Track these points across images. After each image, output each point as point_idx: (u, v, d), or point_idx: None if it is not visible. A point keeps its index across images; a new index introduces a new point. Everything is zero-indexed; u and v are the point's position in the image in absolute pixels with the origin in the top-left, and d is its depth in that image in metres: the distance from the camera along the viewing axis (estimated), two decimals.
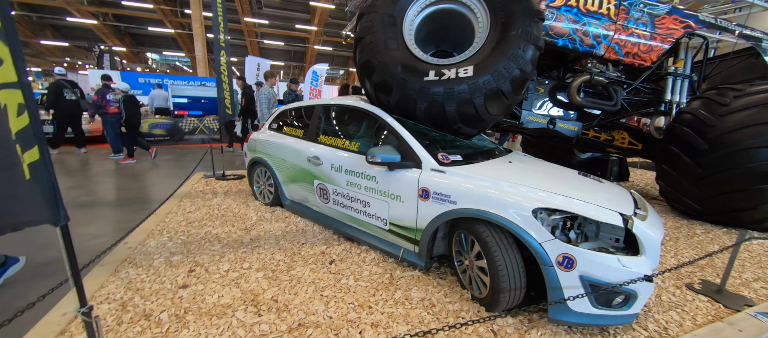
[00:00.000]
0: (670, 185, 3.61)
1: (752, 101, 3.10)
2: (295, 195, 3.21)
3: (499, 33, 2.42)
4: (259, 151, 3.49)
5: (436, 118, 2.47)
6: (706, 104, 3.38)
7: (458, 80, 2.33)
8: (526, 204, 1.70)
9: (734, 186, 3.07)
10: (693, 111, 3.41)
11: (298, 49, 34.89)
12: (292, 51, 34.67)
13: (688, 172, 3.36)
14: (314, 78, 8.54)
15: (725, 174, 3.10)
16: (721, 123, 3.16)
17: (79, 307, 1.11)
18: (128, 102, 5.78)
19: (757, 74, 4.10)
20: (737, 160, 3.02)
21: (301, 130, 3.14)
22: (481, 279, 1.88)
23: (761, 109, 3.03)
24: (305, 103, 3.31)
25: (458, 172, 2.03)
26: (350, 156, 2.54)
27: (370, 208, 2.43)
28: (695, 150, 3.28)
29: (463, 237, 2.01)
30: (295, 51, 35.10)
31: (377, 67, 2.48)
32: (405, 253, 2.28)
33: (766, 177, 2.93)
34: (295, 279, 2.11)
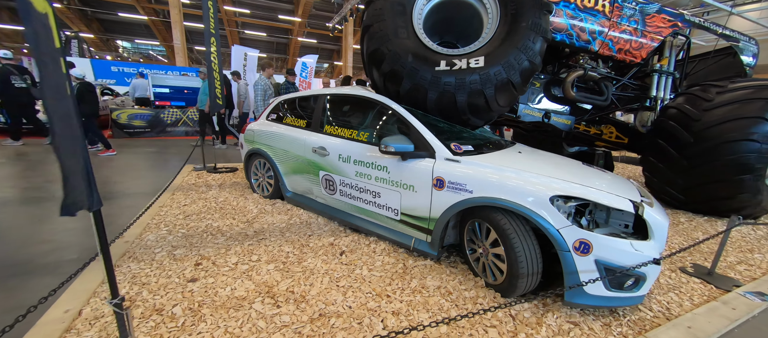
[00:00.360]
0: (656, 176, 3.81)
1: (733, 97, 3.31)
2: (297, 187, 3.14)
3: (509, 25, 2.45)
4: (258, 142, 3.39)
5: (446, 109, 2.48)
6: (691, 99, 3.57)
7: (469, 71, 2.34)
8: (543, 192, 1.74)
9: (716, 177, 3.27)
10: (679, 106, 3.60)
11: (280, 41, 34.05)
12: (275, 42, 33.77)
13: (674, 164, 3.55)
14: (303, 69, 8.35)
15: (708, 165, 3.30)
16: (705, 117, 3.35)
17: (111, 298, 1.04)
18: (83, 89, 5.33)
19: (734, 72, 4.37)
20: (719, 153, 3.22)
21: (303, 121, 3.07)
22: (497, 266, 1.91)
23: (741, 105, 3.24)
24: (308, 92, 3.24)
25: (473, 162, 2.05)
26: (359, 146, 2.51)
27: (380, 199, 2.41)
28: (681, 143, 3.46)
29: (476, 225, 2.03)
30: (278, 42, 34.22)
31: (387, 55, 2.46)
32: (417, 243, 2.29)
33: (745, 169, 3.14)
34: (308, 271, 2.08)
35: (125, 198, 3.44)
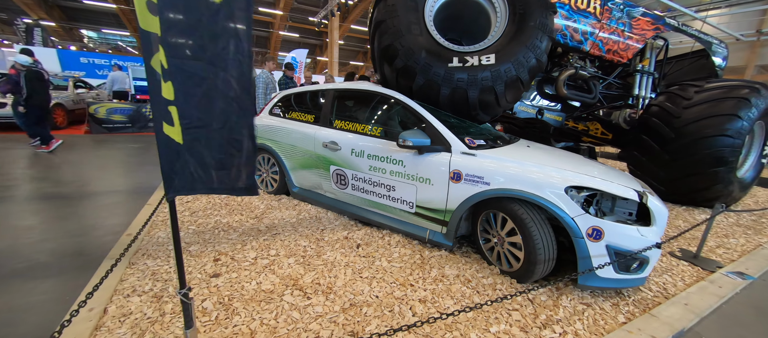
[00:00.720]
0: (639, 169, 4.08)
1: (709, 96, 3.60)
2: (305, 183, 3.14)
3: (517, 24, 2.55)
4: (262, 137, 3.34)
5: (458, 104, 2.56)
6: (671, 98, 3.84)
7: (481, 67, 2.43)
8: (559, 183, 1.86)
9: (695, 170, 3.56)
10: (661, 104, 3.87)
11: (260, 34, 33.15)
12: (254, 35, 32.83)
13: (657, 158, 3.82)
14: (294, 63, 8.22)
15: (688, 159, 3.58)
16: (684, 115, 3.62)
17: (179, 289, 1.04)
18: (32, 77, 4.90)
19: (707, 73, 4.74)
20: (697, 147, 3.50)
21: (311, 116, 3.06)
22: (512, 254, 2.02)
23: (716, 103, 3.53)
24: (315, 87, 3.22)
25: (488, 155, 2.14)
26: (373, 141, 2.55)
27: (395, 192, 2.46)
28: (663, 138, 3.73)
29: (491, 216, 2.13)
30: (257, 35, 33.28)
31: (401, 51, 2.50)
32: (432, 234, 2.36)
33: (719, 162, 3.44)
34: (329, 264, 2.10)
35: (110, 196, 3.30)
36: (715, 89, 3.64)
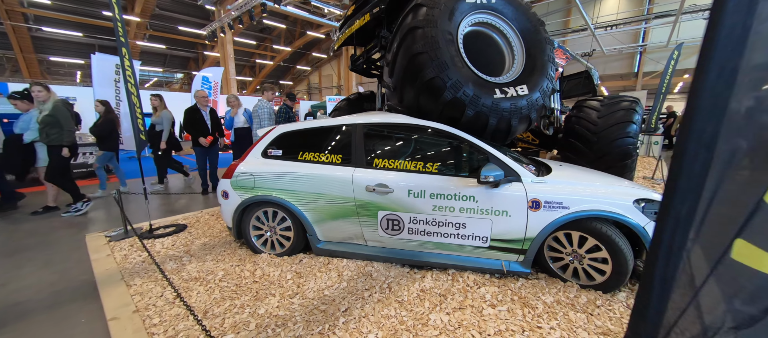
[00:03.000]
0: None
1: (611, 108, 4.82)
2: (335, 235, 2.64)
3: (533, 57, 2.84)
4: (265, 187, 2.65)
5: (502, 133, 2.66)
6: (588, 110, 4.97)
7: (519, 97, 2.60)
8: (628, 198, 2.15)
9: (612, 164, 4.69)
10: (582, 116, 4.96)
11: (104, 43, 26.47)
12: (96, 44, 25.92)
13: (585, 156, 4.86)
14: (206, 84, 6.84)
15: (607, 156, 4.69)
16: (600, 122, 4.75)
17: None
18: None
19: (587, 89, 6.34)
20: (612, 147, 4.64)
21: (336, 155, 2.61)
22: (595, 269, 2.21)
23: (617, 113, 4.76)
24: (330, 122, 2.75)
25: (556, 181, 2.30)
26: (434, 179, 2.37)
27: (465, 230, 2.35)
28: (588, 141, 4.78)
29: (564, 237, 2.28)
30: (100, 45, 26.44)
31: (449, 84, 2.43)
32: (508, 265, 2.36)
33: (626, 156, 4.63)
34: (446, 330, 1.84)
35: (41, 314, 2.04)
36: (614, 103, 4.91)
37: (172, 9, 22.89)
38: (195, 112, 4.72)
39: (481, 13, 2.80)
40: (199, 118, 4.70)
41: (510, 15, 2.87)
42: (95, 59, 5.58)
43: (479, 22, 2.85)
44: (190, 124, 4.70)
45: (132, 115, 3.15)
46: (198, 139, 4.69)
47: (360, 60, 4.09)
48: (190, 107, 4.76)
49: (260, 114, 4.82)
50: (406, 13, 2.67)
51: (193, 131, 4.72)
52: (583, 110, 4.95)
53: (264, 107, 4.94)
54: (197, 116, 4.71)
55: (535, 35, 2.90)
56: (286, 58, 32.14)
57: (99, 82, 5.60)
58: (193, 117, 4.71)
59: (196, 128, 4.71)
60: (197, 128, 4.72)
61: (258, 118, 4.89)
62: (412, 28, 2.53)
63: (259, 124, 4.87)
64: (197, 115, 4.71)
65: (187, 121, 4.72)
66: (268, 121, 4.92)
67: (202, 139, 4.67)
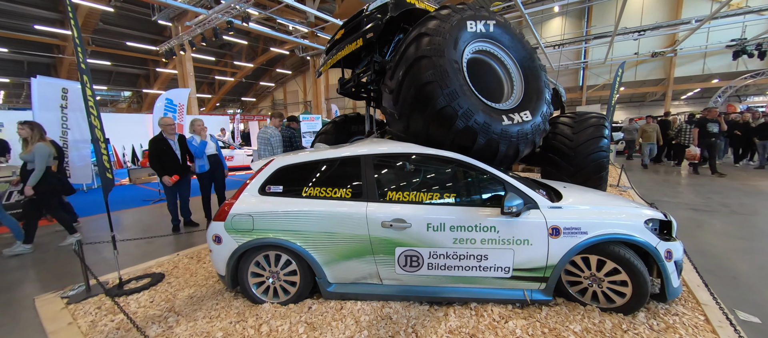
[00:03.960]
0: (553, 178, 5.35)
1: (584, 124, 5.15)
2: (348, 276, 2.44)
3: (530, 83, 2.92)
4: (267, 229, 2.38)
5: (509, 158, 2.67)
6: (563, 127, 5.27)
7: (524, 123, 2.64)
8: (638, 219, 2.23)
9: (588, 177, 4.98)
10: (560, 131, 5.24)
11: (35, 60, 23.92)
12: (25, 61, 23.23)
13: (564, 170, 5.12)
14: (169, 107, 6.28)
15: (584, 169, 4.97)
16: (576, 138, 5.04)
17: None
18: None
19: (557, 107, 6.76)
20: (588, 160, 4.93)
21: (345, 190, 2.44)
22: (614, 292, 2.24)
23: (589, 129, 5.10)
24: (337, 153, 2.56)
25: (570, 205, 2.33)
26: (454, 211, 2.29)
27: (487, 261, 2.28)
28: (567, 156, 5.05)
29: (582, 261, 2.30)
30: (31, 62, 23.82)
31: (460, 113, 2.40)
32: (530, 294, 2.32)
33: (601, 169, 4.95)
34: None
35: None
36: (584, 119, 5.26)
37: (120, 23, 21.17)
38: (161, 143, 4.22)
39: (481, 41, 2.84)
40: (166, 149, 4.22)
41: (507, 43, 2.95)
42: (37, 83, 4.85)
43: (479, 51, 2.89)
44: (157, 157, 4.20)
45: (97, 152, 2.72)
46: (164, 176, 4.20)
47: (350, 83, 3.98)
48: (155, 138, 4.27)
49: (273, 142, 4.67)
50: (409, 41, 2.62)
51: (159, 166, 4.22)
52: (558, 126, 5.22)
53: (275, 134, 4.77)
54: (164, 147, 4.22)
55: (531, 62, 3.00)
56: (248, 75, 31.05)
57: (41, 106, 4.86)
58: (159, 148, 4.22)
59: (163, 162, 4.23)
60: (165, 162, 4.23)
61: (270, 146, 4.72)
62: (420, 57, 2.48)
63: (271, 151, 4.73)
64: (164, 145, 4.22)
65: (154, 155, 4.21)
66: (279, 148, 4.80)
67: (166, 179, 4.17)
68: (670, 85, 21.40)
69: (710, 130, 8.03)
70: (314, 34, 15.50)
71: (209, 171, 4.44)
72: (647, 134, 9.59)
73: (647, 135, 9.59)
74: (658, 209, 2.57)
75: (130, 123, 12.90)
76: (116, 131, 11.71)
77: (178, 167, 4.25)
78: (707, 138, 8.08)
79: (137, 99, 30.73)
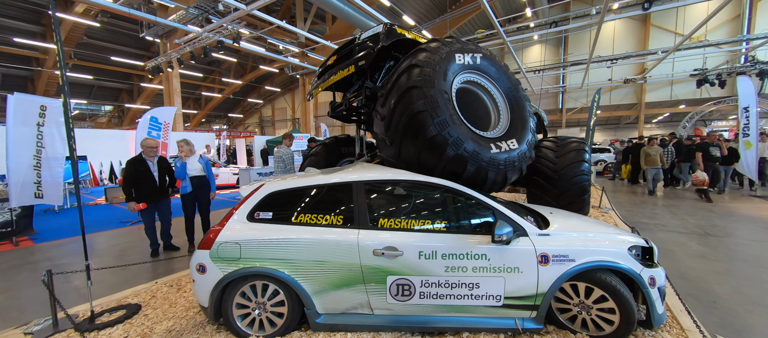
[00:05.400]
0: (538, 201, 5.47)
1: (567, 149, 5.35)
2: (338, 306, 2.37)
3: (516, 112, 3.04)
4: (255, 257, 2.31)
5: (497, 185, 2.73)
6: (547, 151, 5.45)
7: (511, 150, 2.72)
8: (623, 246, 2.30)
9: (573, 199, 5.13)
10: (544, 155, 5.41)
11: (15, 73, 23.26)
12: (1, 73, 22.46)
13: (548, 192, 5.25)
14: (154, 125, 6.14)
15: (568, 191, 5.12)
16: (559, 161, 5.22)
17: None
18: None
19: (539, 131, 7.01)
20: (571, 183, 5.09)
21: (335, 217, 2.41)
22: (603, 319, 2.27)
23: (571, 153, 5.29)
24: (327, 178, 2.54)
25: (558, 233, 2.38)
26: (445, 238, 2.29)
27: (478, 289, 2.28)
28: (551, 178, 5.20)
29: (570, 288, 2.33)
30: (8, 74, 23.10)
31: (450, 141, 2.46)
32: (522, 322, 2.32)
33: (584, 191, 5.11)
34: None
35: None
36: (565, 144, 5.46)
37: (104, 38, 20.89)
38: (139, 164, 4.07)
39: (468, 72, 2.96)
40: (143, 171, 4.07)
41: (493, 74, 3.08)
42: (14, 99, 4.67)
43: (467, 81, 3.00)
44: (132, 179, 4.01)
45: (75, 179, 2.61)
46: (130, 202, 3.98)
47: (341, 107, 4.02)
48: (134, 158, 4.13)
49: (285, 160, 5.06)
50: (401, 71, 2.70)
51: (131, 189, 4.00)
52: (541, 150, 5.40)
53: (287, 153, 5.11)
54: (141, 169, 4.07)
55: (516, 92, 3.13)
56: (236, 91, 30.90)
57: (16, 122, 4.66)
58: (136, 170, 4.05)
59: (137, 185, 4.03)
60: (139, 185, 4.04)
61: (283, 163, 5.13)
62: (411, 87, 2.55)
63: (283, 169, 5.16)
64: (141, 166, 4.07)
65: (130, 176, 4.03)
66: (291, 165, 5.17)
67: (132, 205, 3.97)
68: (642, 109, 22.63)
69: (713, 155, 7.86)
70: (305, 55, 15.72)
71: (192, 192, 4.31)
72: (651, 158, 8.54)
73: (651, 159, 8.54)
74: (639, 234, 2.66)
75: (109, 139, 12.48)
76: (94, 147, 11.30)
77: (153, 191, 4.10)
78: (711, 162, 7.87)
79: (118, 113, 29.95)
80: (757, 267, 3.73)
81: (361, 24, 13.43)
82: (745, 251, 4.28)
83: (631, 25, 21.68)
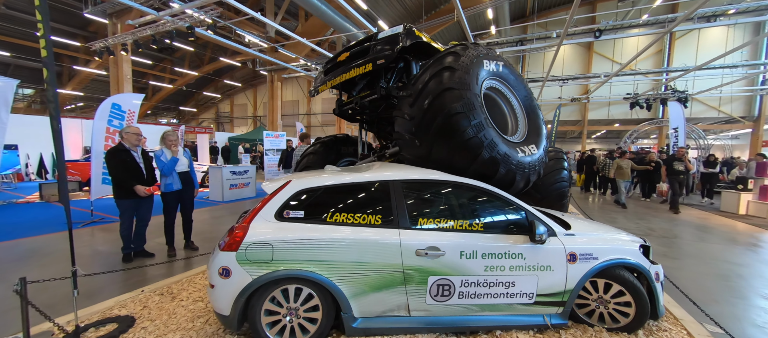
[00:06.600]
0: None
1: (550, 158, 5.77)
2: (374, 309, 2.27)
3: (532, 121, 3.21)
4: (291, 259, 2.13)
5: (520, 188, 2.85)
6: None
7: (532, 155, 2.88)
8: (635, 245, 2.54)
9: (553, 205, 5.54)
10: None
11: None
12: None
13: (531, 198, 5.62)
14: (116, 114, 5.41)
15: (550, 197, 5.52)
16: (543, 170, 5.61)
17: None
18: None
19: None
20: (553, 189, 5.51)
21: (374, 216, 2.33)
22: (619, 312, 2.48)
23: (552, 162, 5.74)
24: (362, 177, 2.44)
25: (581, 233, 2.55)
26: (484, 238, 2.33)
27: (514, 288, 2.35)
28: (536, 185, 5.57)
29: (590, 285, 2.52)
30: None
31: (486, 143, 2.52)
32: (550, 318, 2.44)
33: (563, 197, 5.56)
34: None
35: None
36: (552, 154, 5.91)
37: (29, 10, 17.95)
38: (123, 154, 3.58)
39: (492, 79, 3.06)
40: (130, 161, 3.58)
41: (512, 82, 3.23)
42: None
43: (489, 87, 3.11)
44: (123, 170, 3.53)
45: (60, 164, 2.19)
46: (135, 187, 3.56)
47: (349, 105, 3.91)
48: (115, 148, 3.61)
49: None
50: (434, 72, 2.70)
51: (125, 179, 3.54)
52: None
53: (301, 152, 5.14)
54: (127, 159, 3.58)
55: (531, 101, 3.32)
56: (191, 83, 28.50)
57: None
58: (122, 160, 3.56)
59: (130, 175, 3.57)
60: (131, 176, 3.58)
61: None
62: (448, 88, 2.57)
63: None
64: (127, 157, 3.58)
65: (117, 168, 3.52)
66: None
67: (140, 188, 3.55)
68: (585, 126, 25.31)
69: (677, 169, 8.35)
70: (275, 50, 15.02)
71: (178, 190, 3.86)
72: (622, 171, 8.88)
73: (622, 171, 8.88)
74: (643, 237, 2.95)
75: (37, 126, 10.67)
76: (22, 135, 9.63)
77: (142, 185, 3.62)
78: (675, 175, 8.43)
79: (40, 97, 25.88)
80: (705, 263, 4.35)
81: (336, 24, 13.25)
82: (691, 249, 4.97)
83: (578, 51, 24.21)
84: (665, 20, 12.39)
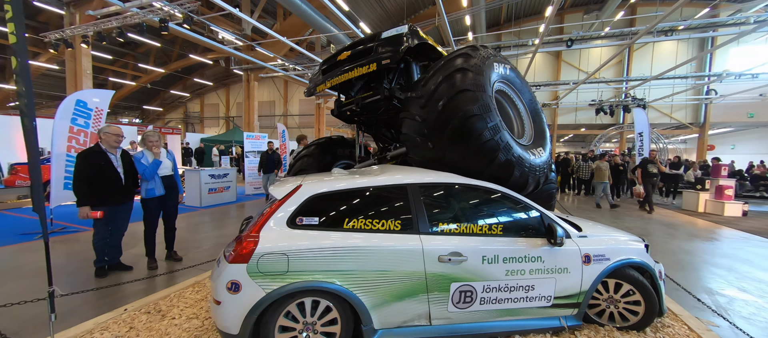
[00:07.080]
0: None
1: None
2: (396, 319, 2.16)
3: (537, 124, 3.25)
4: (308, 270, 1.96)
5: (530, 191, 2.86)
6: None
7: (541, 158, 2.90)
8: (641, 245, 2.62)
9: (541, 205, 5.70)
10: None
11: None
12: None
13: None
14: (81, 112, 4.88)
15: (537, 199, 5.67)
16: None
17: None
18: None
19: None
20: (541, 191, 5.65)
21: (393, 222, 2.21)
22: (629, 311, 2.54)
23: None
24: (377, 181, 2.32)
25: (593, 234, 2.60)
26: (504, 241, 2.30)
27: (533, 291, 2.34)
28: None
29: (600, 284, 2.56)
30: None
31: (503, 147, 2.51)
32: (566, 320, 2.45)
33: (551, 198, 5.73)
34: None
35: None
36: None
37: None
38: (97, 156, 3.18)
39: (500, 83, 3.07)
40: (105, 165, 3.19)
41: (518, 86, 3.26)
42: None
43: (498, 90, 3.11)
44: (91, 177, 3.10)
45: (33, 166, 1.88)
46: (84, 206, 3.09)
47: (348, 107, 3.77)
48: (89, 150, 3.21)
49: None
50: (447, 74, 2.64)
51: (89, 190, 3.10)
52: None
53: None
54: (102, 163, 3.18)
55: (535, 105, 3.37)
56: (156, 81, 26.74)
57: None
58: (95, 164, 3.15)
59: (97, 185, 3.13)
60: (100, 185, 3.15)
61: None
62: (463, 90, 2.53)
63: None
64: (102, 160, 3.19)
65: (83, 172, 3.10)
66: None
67: (85, 210, 3.08)
68: (555, 130, 26.61)
69: (650, 171, 8.59)
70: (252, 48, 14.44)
71: (160, 196, 3.51)
72: (601, 172, 9.07)
73: (601, 173, 9.07)
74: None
75: None
76: None
77: (118, 192, 3.24)
78: (649, 178, 8.66)
79: None
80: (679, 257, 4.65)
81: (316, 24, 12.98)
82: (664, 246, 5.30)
83: (548, 59, 25.48)
84: (629, 33, 13.35)
